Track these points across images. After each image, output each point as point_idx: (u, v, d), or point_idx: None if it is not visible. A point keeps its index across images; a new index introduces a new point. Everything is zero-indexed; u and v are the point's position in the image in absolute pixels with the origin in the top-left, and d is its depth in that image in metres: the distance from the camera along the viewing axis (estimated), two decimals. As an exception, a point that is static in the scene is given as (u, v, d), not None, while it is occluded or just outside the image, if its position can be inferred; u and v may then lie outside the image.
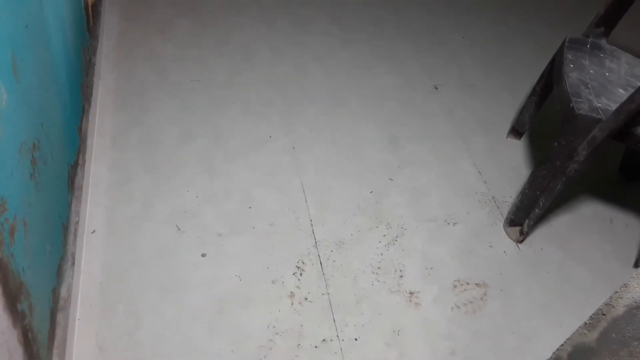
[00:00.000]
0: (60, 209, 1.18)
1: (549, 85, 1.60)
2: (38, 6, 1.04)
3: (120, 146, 1.60)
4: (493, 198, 1.63)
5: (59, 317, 1.09)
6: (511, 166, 1.75)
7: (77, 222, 1.31)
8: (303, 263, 1.40)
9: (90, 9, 1.75)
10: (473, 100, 1.97)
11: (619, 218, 1.64)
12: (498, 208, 1.61)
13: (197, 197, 1.51)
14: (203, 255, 1.38)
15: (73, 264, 1.23)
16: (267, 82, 1.91)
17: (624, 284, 0.84)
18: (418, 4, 2.42)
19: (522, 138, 1.83)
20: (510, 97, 2.00)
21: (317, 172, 1.63)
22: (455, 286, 1.40)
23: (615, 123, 1.21)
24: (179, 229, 1.42)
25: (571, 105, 1.30)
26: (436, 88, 2.00)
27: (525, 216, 1.48)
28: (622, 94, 1.38)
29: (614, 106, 1.31)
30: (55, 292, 1.08)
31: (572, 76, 1.39)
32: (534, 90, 1.69)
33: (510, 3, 2.54)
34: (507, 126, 1.88)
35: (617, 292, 0.86)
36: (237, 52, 2.01)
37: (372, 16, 2.31)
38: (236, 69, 1.93)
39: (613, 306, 0.87)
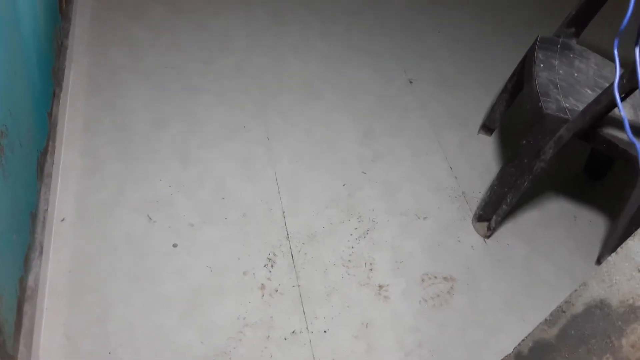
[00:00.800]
0: (28, 197, 1.16)
1: (520, 83, 1.63)
2: (7, -10, 1.02)
3: (92, 132, 1.58)
4: (463, 193, 1.66)
5: (26, 306, 1.08)
6: (482, 162, 1.78)
7: (46, 210, 1.29)
8: (274, 255, 1.41)
9: (62, -9, 1.71)
10: (447, 95, 1.99)
11: (583, 215, 1.69)
12: (467, 203, 1.64)
13: (169, 186, 1.50)
14: (174, 245, 1.37)
15: (41, 253, 1.22)
16: (243, 70, 1.90)
17: (583, 283, 0.87)
18: (396, -3, 2.43)
19: (493, 134, 1.87)
20: (484, 93, 2.03)
21: (291, 163, 1.63)
22: (423, 280, 1.43)
23: (582, 123, 1.25)
24: (151, 219, 1.42)
25: (540, 104, 1.33)
26: (411, 82, 2.01)
27: (493, 212, 1.51)
28: (590, 95, 1.42)
29: (581, 107, 1.34)
30: (22, 281, 1.07)
31: (541, 76, 1.42)
32: (505, 87, 1.72)
33: (485, 0, 2.57)
34: (480, 122, 1.91)
35: (576, 290, 0.89)
36: (214, 39, 1.99)
37: (350, 7, 2.30)
38: (212, 56, 1.92)
39: (572, 304, 0.90)
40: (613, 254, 0.81)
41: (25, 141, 1.13)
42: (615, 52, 0.92)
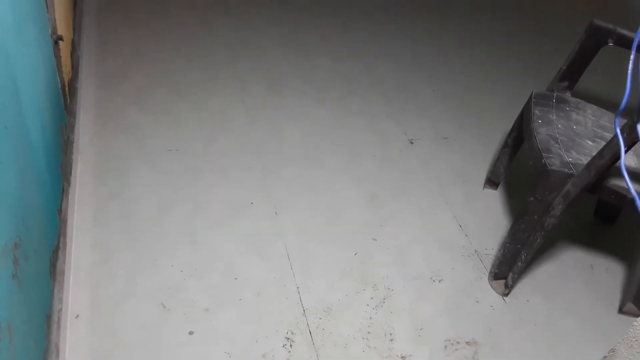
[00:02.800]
0: (43, 300, 1.16)
1: (520, 138, 1.65)
2: (16, 103, 1.05)
3: (100, 222, 1.59)
4: (476, 251, 1.65)
5: (46, 416, 1.05)
6: (490, 217, 1.78)
7: (60, 310, 1.28)
8: (292, 333, 1.38)
9: (66, 87, 1.76)
10: (448, 153, 2.01)
11: (599, 263, 1.67)
12: (481, 261, 1.62)
13: (181, 271, 1.49)
14: (190, 333, 1.36)
15: (57, 355, 1.20)
16: (245, 147, 1.93)
17: (612, 349, 0.85)
18: (387, 60, 2.50)
19: (499, 188, 1.87)
20: (483, 148, 2.05)
21: (301, 236, 1.63)
22: (446, 346, 1.40)
23: (587, 178, 1.25)
24: (165, 307, 1.40)
25: (543, 161, 1.35)
26: (411, 142, 2.04)
27: (508, 269, 1.50)
28: (591, 146, 1.43)
29: (584, 159, 1.36)
30: (40, 390, 1.05)
31: (541, 132, 1.43)
32: (505, 143, 1.74)
33: (473, 55, 2.64)
34: (483, 177, 1.92)
35: (605, 357, 0.87)
36: (213, 118, 2.03)
37: (343, 74, 2.37)
38: (213, 136, 1.95)
39: (603, 370, 0.88)
40: (639, 319, 0.80)
41: (38, 245, 1.14)
42: (618, 130, 0.94)
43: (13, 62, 1.06)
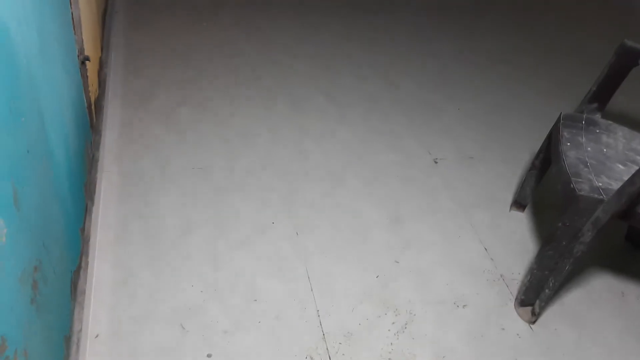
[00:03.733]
0: (62, 322, 1.16)
1: (548, 159, 1.61)
2: (40, 126, 1.06)
3: (123, 242, 1.59)
4: (501, 276, 1.61)
5: None
6: (517, 240, 1.73)
7: (80, 330, 1.29)
8: (311, 358, 1.36)
9: (93, 106, 1.79)
10: (473, 173, 1.98)
11: (630, 290, 1.61)
12: (507, 286, 1.58)
13: (201, 291, 1.49)
14: (209, 355, 1.34)
15: (76, 376, 1.20)
16: (267, 165, 1.92)
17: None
18: (410, 78, 2.48)
19: (526, 210, 1.83)
20: (509, 169, 2.01)
21: (322, 257, 1.61)
22: (469, 376, 1.36)
23: (618, 205, 1.21)
24: (184, 328, 1.40)
25: (572, 186, 1.30)
26: (436, 162, 2.01)
27: (535, 296, 1.45)
28: (622, 170, 1.38)
29: (614, 184, 1.31)
30: (57, 413, 1.05)
31: (570, 155, 1.39)
32: (533, 164, 1.70)
33: (499, 73, 2.60)
34: (509, 198, 1.87)
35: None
36: (237, 137, 2.04)
37: (366, 92, 2.35)
38: (236, 154, 1.95)
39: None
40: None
41: (58, 266, 1.14)
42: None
43: (37, 85, 1.07)
